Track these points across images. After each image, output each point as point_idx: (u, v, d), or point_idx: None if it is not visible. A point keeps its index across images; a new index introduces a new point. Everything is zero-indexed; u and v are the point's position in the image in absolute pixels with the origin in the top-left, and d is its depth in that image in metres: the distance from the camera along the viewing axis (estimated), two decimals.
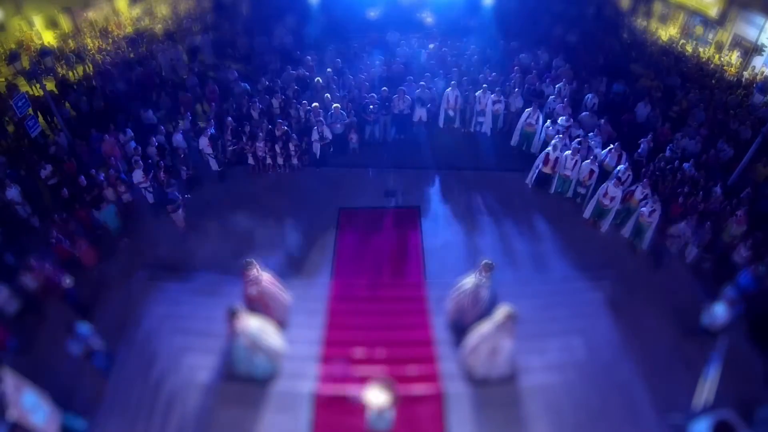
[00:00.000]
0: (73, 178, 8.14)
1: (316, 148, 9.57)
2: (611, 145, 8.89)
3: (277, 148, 9.23)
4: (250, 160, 9.45)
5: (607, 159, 8.79)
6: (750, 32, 12.50)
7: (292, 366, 6.05)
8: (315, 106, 9.67)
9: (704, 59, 13.24)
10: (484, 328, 5.67)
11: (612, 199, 8.10)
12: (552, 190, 9.18)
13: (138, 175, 8.17)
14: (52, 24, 13.31)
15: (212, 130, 9.15)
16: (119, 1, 14.72)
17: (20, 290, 6.50)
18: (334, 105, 9.68)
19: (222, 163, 9.26)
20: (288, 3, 14.76)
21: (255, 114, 9.95)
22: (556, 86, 10.80)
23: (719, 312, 6.17)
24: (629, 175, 8.33)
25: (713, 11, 13.58)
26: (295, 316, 6.64)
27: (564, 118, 9.73)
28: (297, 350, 6.20)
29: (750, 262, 7.11)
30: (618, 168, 8.38)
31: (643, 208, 7.85)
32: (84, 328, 5.69)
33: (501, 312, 5.45)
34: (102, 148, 9.00)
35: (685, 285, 7.48)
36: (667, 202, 8.39)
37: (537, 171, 9.20)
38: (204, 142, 8.92)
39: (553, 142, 8.97)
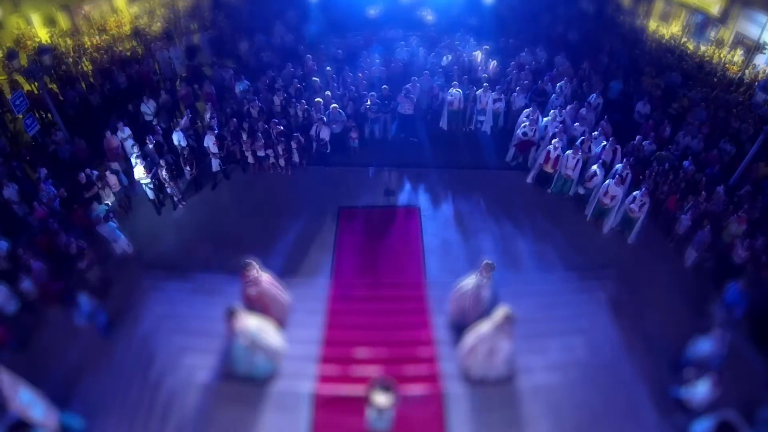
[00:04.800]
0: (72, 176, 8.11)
1: (316, 146, 9.52)
2: (605, 142, 8.88)
3: (280, 149, 9.17)
4: (250, 159, 9.40)
5: (603, 155, 8.77)
6: (752, 30, 12.43)
7: (291, 366, 6.02)
8: (318, 101, 9.60)
9: (706, 58, 13.18)
10: (482, 328, 5.64)
11: (613, 198, 8.07)
12: (551, 189, 9.15)
13: (139, 171, 8.13)
14: (50, 22, 13.23)
15: (217, 129, 9.10)
16: None
17: (19, 290, 6.46)
18: (332, 105, 9.62)
19: (224, 163, 9.20)
20: (287, 1, 14.68)
21: (254, 113, 9.90)
22: (557, 85, 10.75)
23: (704, 348, 5.75)
24: (628, 173, 8.30)
25: (715, 9, 13.51)
26: (295, 315, 6.61)
27: (566, 110, 9.69)
28: (297, 350, 6.17)
29: (747, 263, 7.07)
30: (616, 166, 8.35)
31: (632, 204, 7.86)
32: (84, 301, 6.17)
33: (499, 313, 5.42)
34: (104, 145, 8.97)
35: (685, 284, 7.46)
36: (664, 198, 8.39)
37: (538, 169, 9.18)
38: (210, 141, 8.86)
39: (553, 141, 8.94)
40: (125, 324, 6.58)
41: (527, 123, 9.49)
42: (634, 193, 7.91)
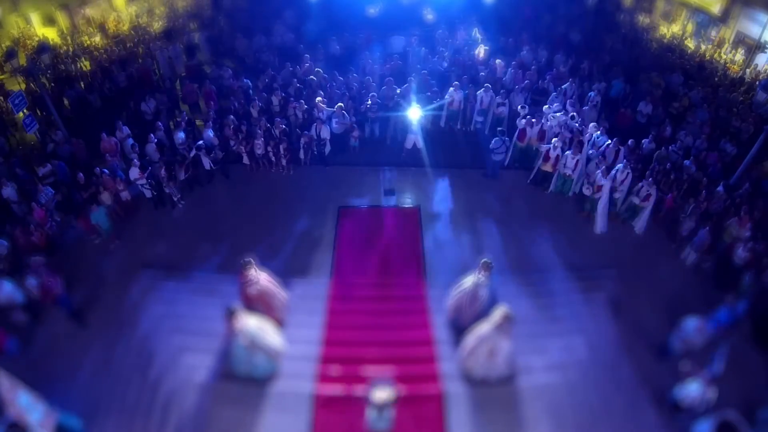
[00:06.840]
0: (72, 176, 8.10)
1: (316, 146, 9.49)
2: (609, 141, 8.87)
3: (281, 149, 9.14)
4: (245, 159, 9.38)
5: (606, 154, 8.75)
6: (753, 29, 12.41)
7: (291, 366, 6.02)
8: (318, 100, 9.58)
9: (707, 57, 13.16)
10: (482, 329, 5.63)
11: (599, 188, 8.15)
12: (551, 189, 9.14)
13: (134, 172, 8.14)
14: (50, 21, 13.22)
15: (210, 131, 9.08)
16: None
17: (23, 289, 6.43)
18: (338, 104, 9.59)
19: (217, 162, 9.18)
20: (287, 0, 14.65)
21: (254, 112, 9.89)
22: (563, 87, 10.68)
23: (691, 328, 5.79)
24: (628, 173, 8.30)
25: (716, 8, 13.48)
26: (295, 315, 6.61)
27: (561, 111, 9.67)
28: (296, 350, 6.17)
29: (748, 265, 7.06)
30: (617, 167, 8.36)
31: (635, 197, 8.06)
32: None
33: (498, 313, 5.41)
34: (101, 146, 8.95)
35: (685, 284, 7.45)
36: (664, 197, 8.39)
37: (536, 168, 9.17)
38: (208, 136, 8.86)
39: (553, 140, 8.92)
40: (125, 324, 6.57)
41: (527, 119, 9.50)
42: (640, 183, 8.09)
